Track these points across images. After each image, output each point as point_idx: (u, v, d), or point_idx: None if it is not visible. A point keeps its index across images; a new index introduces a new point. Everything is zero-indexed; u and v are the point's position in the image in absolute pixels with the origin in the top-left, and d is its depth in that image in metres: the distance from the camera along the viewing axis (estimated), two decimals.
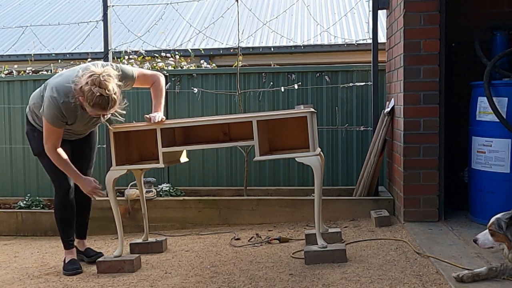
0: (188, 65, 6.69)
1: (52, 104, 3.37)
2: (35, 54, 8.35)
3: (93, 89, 3.20)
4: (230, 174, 5.83)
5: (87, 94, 3.23)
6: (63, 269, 3.72)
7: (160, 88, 3.70)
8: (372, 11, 5.08)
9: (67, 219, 3.78)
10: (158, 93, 3.70)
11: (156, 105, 3.66)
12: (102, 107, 3.28)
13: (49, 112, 3.39)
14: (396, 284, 2.95)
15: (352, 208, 4.74)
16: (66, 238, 3.80)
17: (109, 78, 3.26)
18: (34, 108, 3.62)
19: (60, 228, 3.80)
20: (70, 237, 3.81)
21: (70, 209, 3.77)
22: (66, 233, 3.80)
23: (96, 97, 3.22)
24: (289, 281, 3.13)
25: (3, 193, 6.15)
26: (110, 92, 3.24)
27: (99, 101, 3.24)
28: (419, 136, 4.20)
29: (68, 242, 3.80)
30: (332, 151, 5.68)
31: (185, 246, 4.24)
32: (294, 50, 9.26)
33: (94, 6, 11.58)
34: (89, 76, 3.24)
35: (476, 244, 2.90)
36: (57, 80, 3.45)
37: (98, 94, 3.21)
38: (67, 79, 3.41)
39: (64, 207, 3.75)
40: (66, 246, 3.81)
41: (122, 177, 3.80)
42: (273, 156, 3.69)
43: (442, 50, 4.16)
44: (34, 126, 3.68)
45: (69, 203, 3.75)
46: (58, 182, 3.69)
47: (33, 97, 3.69)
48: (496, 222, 2.81)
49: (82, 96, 3.28)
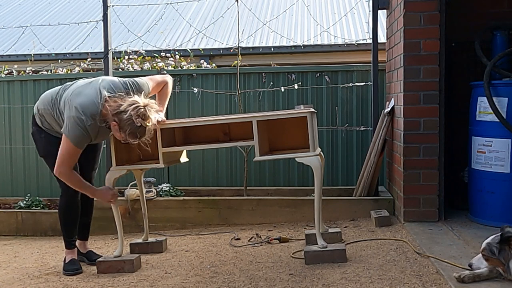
0: (188, 65, 6.70)
1: (79, 126, 3.32)
2: (35, 54, 8.35)
3: (135, 120, 3.22)
4: (230, 174, 5.83)
5: (126, 123, 3.24)
6: (63, 269, 3.70)
7: (167, 92, 3.75)
8: (372, 11, 5.08)
9: (72, 220, 3.76)
10: (164, 96, 3.74)
11: (159, 106, 3.68)
12: (138, 137, 3.32)
13: (74, 133, 3.33)
14: (396, 284, 2.95)
15: (352, 208, 4.74)
16: (68, 238, 3.77)
17: (152, 110, 3.30)
18: (44, 114, 3.59)
19: (64, 227, 3.78)
20: (73, 237, 3.79)
21: (76, 210, 3.75)
22: (69, 233, 3.77)
23: (135, 127, 3.25)
24: (289, 281, 3.13)
25: (3, 193, 6.15)
26: (150, 124, 3.29)
27: (137, 131, 3.28)
28: (419, 136, 4.20)
29: (71, 242, 3.78)
30: (332, 151, 5.68)
31: (185, 246, 4.24)
32: (294, 50, 9.26)
33: (94, 6, 11.58)
34: (133, 107, 3.24)
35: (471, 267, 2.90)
36: (81, 101, 3.35)
37: (139, 125, 3.24)
38: (91, 99, 3.36)
39: (70, 208, 3.73)
40: (67, 246, 3.78)
41: (122, 177, 3.81)
42: (273, 156, 3.69)
43: (442, 50, 4.16)
44: (42, 128, 3.65)
45: (75, 205, 3.73)
46: (66, 185, 3.59)
47: (43, 102, 3.62)
48: (488, 248, 2.80)
49: (117, 122, 3.28)
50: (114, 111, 3.28)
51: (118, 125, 3.29)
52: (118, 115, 3.27)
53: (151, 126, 3.32)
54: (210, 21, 8.72)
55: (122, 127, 3.28)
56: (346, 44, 8.78)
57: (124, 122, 3.25)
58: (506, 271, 2.76)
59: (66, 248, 3.79)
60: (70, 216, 3.75)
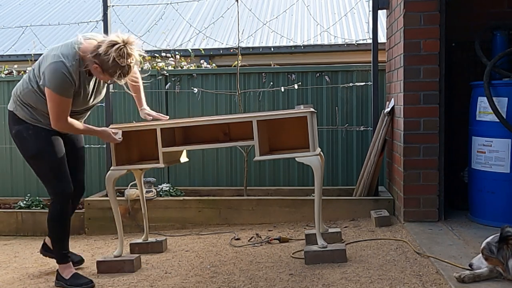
0: (188, 65, 6.69)
1: (60, 69, 3.11)
2: (35, 54, 8.32)
3: (119, 61, 3.08)
4: (230, 174, 5.83)
5: (110, 65, 3.09)
6: (66, 284, 3.35)
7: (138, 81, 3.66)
8: (372, 11, 5.08)
9: (67, 229, 3.44)
10: (138, 88, 3.68)
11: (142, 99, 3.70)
12: (125, 76, 3.19)
13: (56, 78, 3.11)
14: (396, 284, 2.95)
15: (352, 208, 4.74)
16: (63, 250, 3.43)
17: (133, 46, 3.16)
18: (24, 97, 3.29)
19: (57, 239, 3.43)
20: (67, 249, 3.46)
21: (69, 217, 3.44)
22: (64, 244, 3.43)
23: (120, 67, 3.12)
24: (289, 281, 3.13)
25: (3, 193, 6.15)
26: (134, 61, 3.16)
27: (122, 71, 3.14)
28: (419, 136, 4.20)
29: (66, 254, 3.44)
30: (332, 151, 5.68)
31: (185, 246, 4.24)
32: (294, 50, 9.25)
33: (94, 6, 11.58)
34: (115, 48, 3.08)
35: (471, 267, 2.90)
36: (58, 51, 3.19)
37: (123, 65, 3.11)
38: (66, 46, 3.22)
39: (65, 215, 3.39)
40: (62, 259, 3.42)
41: (122, 177, 3.79)
42: (273, 156, 3.69)
43: (442, 50, 4.16)
44: (28, 122, 3.31)
45: (69, 210, 3.43)
46: (60, 186, 3.33)
47: (17, 89, 3.36)
48: (487, 247, 2.82)
49: (98, 64, 3.12)
50: (94, 53, 3.12)
51: (101, 67, 3.14)
52: (98, 57, 3.11)
53: (135, 64, 3.19)
54: (210, 21, 8.72)
55: (105, 69, 3.14)
56: (346, 44, 8.78)
57: (107, 65, 3.11)
58: (505, 271, 2.76)
59: (60, 263, 3.42)
60: (65, 224, 3.41)
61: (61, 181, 3.34)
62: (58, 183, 3.34)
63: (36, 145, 3.31)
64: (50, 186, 3.36)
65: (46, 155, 3.31)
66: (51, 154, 3.32)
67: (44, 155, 3.31)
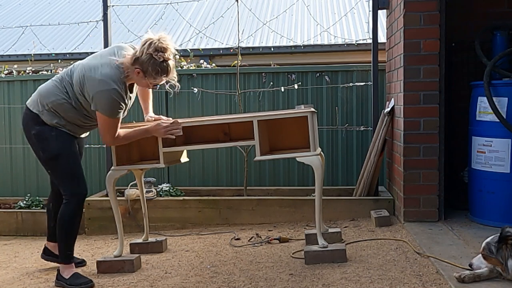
0: (188, 65, 6.68)
1: (114, 97, 3.19)
2: (35, 54, 8.35)
3: (156, 56, 3.15)
4: (230, 174, 5.83)
5: (149, 63, 3.16)
6: (65, 284, 3.35)
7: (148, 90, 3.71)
8: (372, 11, 5.08)
9: (76, 230, 3.46)
10: (147, 95, 3.73)
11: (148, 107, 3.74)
12: (166, 73, 3.24)
13: (113, 108, 3.21)
14: (396, 284, 2.95)
15: (352, 208, 4.74)
16: (68, 250, 3.43)
17: (167, 40, 3.21)
18: (57, 107, 3.31)
19: (65, 239, 3.42)
20: (72, 250, 3.47)
21: (79, 219, 3.47)
22: (70, 245, 3.44)
23: (159, 64, 3.17)
24: (289, 281, 3.13)
25: (3, 193, 6.15)
26: (171, 55, 3.21)
27: (162, 67, 3.19)
28: (419, 136, 4.20)
29: (71, 255, 3.45)
30: (332, 151, 5.68)
31: (185, 246, 4.24)
32: (294, 50, 9.25)
33: (94, 6, 11.58)
34: (147, 44, 3.16)
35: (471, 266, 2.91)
36: (101, 72, 3.20)
37: (161, 60, 3.17)
38: (109, 65, 3.23)
39: (78, 216, 3.43)
40: (66, 260, 3.42)
41: (122, 177, 3.79)
42: (274, 156, 3.69)
43: (442, 50, 4.16)
44: (51, 125, 3.32)
45: (81, 213, 3.49)
46: (79, 187, 3.38)
47: (48, 95, 3.32)
48: (487, 247, 2.83)
49: (139, 68, 3.20)
50: (132, 60, 3.21)
51: (142, 70, 3.21)
52: (138, 60, 3.19)
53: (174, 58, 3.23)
54: (210, 21, 8.72)
55: (146, 70, 3.20)
56: (346, 44, 8.79)
57: (146, 64, 3.18)
58: (504, 271, 2.76)
59: (64, 263, 3.41)
60: (75, 226, 3.44)
61: (79, 183, 3.40)
62: (77, 184, 3.40)
63: (58, 145, 3.34)
64: (69, 187, 3.39)
65: (67, 156, 3.37)
66: (72, 155, 3.40)
67: (66, 156, 3.36)
